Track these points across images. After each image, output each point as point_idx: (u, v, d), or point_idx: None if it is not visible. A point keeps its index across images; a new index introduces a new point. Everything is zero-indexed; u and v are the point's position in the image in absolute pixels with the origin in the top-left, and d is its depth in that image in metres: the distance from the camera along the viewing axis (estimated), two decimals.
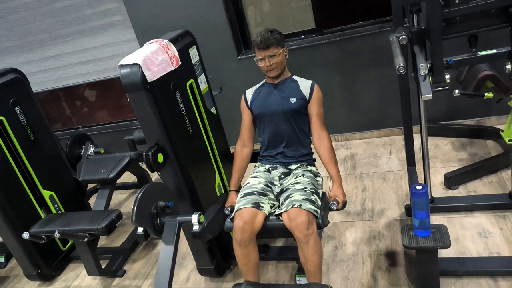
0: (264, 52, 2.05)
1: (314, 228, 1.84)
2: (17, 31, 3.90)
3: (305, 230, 1.81)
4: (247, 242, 1.92)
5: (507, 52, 1.74)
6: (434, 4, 1.63)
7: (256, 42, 2.06)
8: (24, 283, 2.76)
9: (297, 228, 1.82)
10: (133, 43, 3.63)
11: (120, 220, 2.33)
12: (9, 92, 2.52)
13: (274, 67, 2.08)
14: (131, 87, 1.83)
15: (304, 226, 1.80)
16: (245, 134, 2.28)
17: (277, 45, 2.05)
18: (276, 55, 2.06)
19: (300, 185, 2.01)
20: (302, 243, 1.84)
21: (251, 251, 1.96)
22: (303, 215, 1.82)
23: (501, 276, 1.91)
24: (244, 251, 1.94)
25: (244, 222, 1.89)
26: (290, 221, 1.84)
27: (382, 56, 3.04)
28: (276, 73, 2.12)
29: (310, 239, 1.82)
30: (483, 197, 2.41)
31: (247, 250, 1.94)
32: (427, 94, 1.62)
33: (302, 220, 1.81)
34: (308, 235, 1.81)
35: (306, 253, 1.85)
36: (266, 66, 2.08)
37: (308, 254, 1.85)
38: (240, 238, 1.91)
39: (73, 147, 2.94)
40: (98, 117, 4.38)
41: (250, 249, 1.95)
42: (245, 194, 2.03)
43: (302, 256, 1.88)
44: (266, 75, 2.18)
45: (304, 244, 1.83)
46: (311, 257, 1.86)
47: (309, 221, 1.82)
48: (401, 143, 3.26)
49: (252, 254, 1.97)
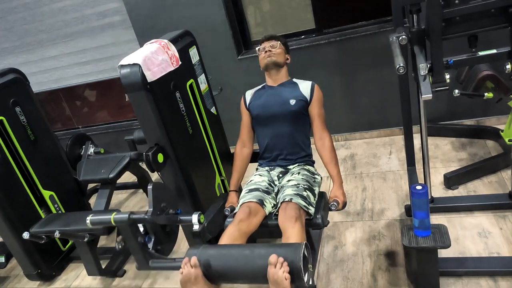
0: (267, 42, 2.19)
1: (301, 222, 1.81)
2: (17, 31, 3.90)
3: (292, 222, 1.77)
4: (236, 236, 1.83)
5: (507, 52, 1.74)
6: (434, 4, 1.63)
7: (262, 38, 2.24)
8: (24, 283, 2.76)
9: (285, 220, 1.80)
10: (133, 43, 3.63)
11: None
12: (9, 92, 2.52)
13: (272, 54, 2.15)
14: (131, 87, 1.83)
15: (292, 220, 1.78)
16: (245, 135, 2.28)
17: (279, 41, 2.20)
18: (277, 47, 2.18)
19: (293, 181, 2.02)
20: (287, 233, 1.77)
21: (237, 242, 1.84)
22: (291, 208, 1.82)
23: (501, 276, 1.91)
24: (229, 240, 1.82)
25: (250, 209, 1.89)
26: (280, 214, 1.84)
27: (382, 56, 3.03)
28: (273, 60, 2.15)
29: (294, 231, 1.75)
30: (483, 197, 2.41)
31: (233, 240, 1.83)
32: (427, 94, 1.62)
33: (291, 214, 1.80)
34: (294, 227, 1.76)
35: (289, 239, 1.75)
36: (265, 52, 2.15)
37: (291, 240, 1.74)
38: (241, 216, 1.87)
39: (73, 147, 2.94)
40: (98, 117, 4.38)
41: (237, 242, 1.83)
42: (250, 190, 2.04)
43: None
44: (264, 68, 2.20)
45: (288, 235, 1.76)
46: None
47: (298, 215, 1.81)
48: (401, 143, 3.27)
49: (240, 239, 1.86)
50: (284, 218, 1.81)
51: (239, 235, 1.83)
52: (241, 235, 1.84)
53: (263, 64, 2.18)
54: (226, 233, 1.85)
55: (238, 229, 1.84)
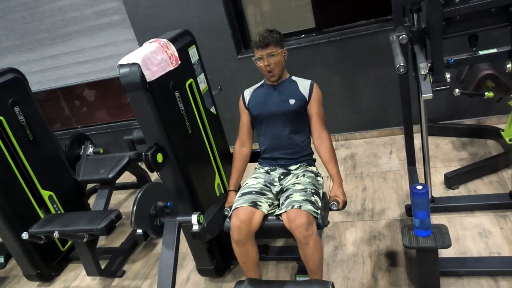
0: (263, 51, 2.04)
1: (314, 229, 1.84)
2: (17, 30, 3.89)
3: (304, 231, 1.80)
4: (244, 241, 1.91)
5: (507, 52, 1.73)
6: (434, 3, 1.62)
7: (255, 41, 2.06)
8: (23, 284, 2.75)
9: (297, 229, 1.82)
10: (132, 42, 3.63)
11: (120, 220, 2.33)
12: (8, 92, 2.51)
13: (273, 68, 2.07)
14: (130, 87, 1.82)
15: (303, 227, 1.80)
16: (244, 134, 2.28)
17: (276, 45, 2.04)
18: (275, 54, 2.04)
19: (300, 185, 2.00)
20: (302, 243, 1.84)
21: (250, 250, 1.96)
22: (302, 216, 1.81)
23: (502, 276, 1.91)
24: (242, 249, 1.95)
25: (240, 221, 1.89)
26: (290, 222, 1.84)
27: (382, 55, 3.03)
28: (275, 77, 2.12)
29: (310, 240, 1.82)
30: (484, 197, 2.41)
31: (245, 248, 1.94)
32: (428, 94, 1.61)
33: (302, 221, 1.80)
34: (307, 236, 1.81)
35: (307, 253, 1.87)
36: (264, 65, 2.06)
37: (309, 254, 1.86)
38: (237, 237, 1.91)
39: (72, 147, 2.94)
40: (97, 117, 4.37)
41: (248, 247, 1.94)
42: (243, 194, 2.03)
43: (303, 256, 1.90)
44: (264, 76, 2.17)
45: (304, 244, 1.84)
46: (311, 257, 1.88)
47: (309, 222, 1.82)
48: (401, 143, 3.26)
49: (251, 253, 1.97)
50: (296, 226, 1.82)
51: (246, 250, 1.95)
52: (247, 250, 1.96)
53: (265, 77, 2.16)
54: (236, 253, 1.98)
55: (241, 246, 1.94)
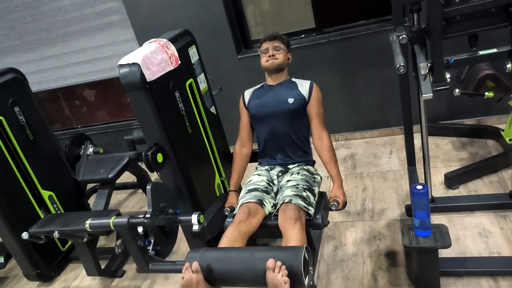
0: (270, 43, 2.13)
1: (301, 223, 1.80)
2: (17, 30, 3.89)
3: (292, 223, 1.77)
4: (237, 237, 1.82)
5: (507, 52, 1.73)
6: (434, 3, 1.62)
7: (264, 36, 2.17)
8: (23, 284, 2.75)
9: (284, 221, 1.80)
10: (132, 42, 3.62)
11: None
12: (8, 92, 2.51)
13: (276, 58, 2.12)
14: (130, 87, 1.83)
15: (292, 221, 1.78)
16: (244, 135, 2.28)
17: (282, 42, 2.15)
18: (280, 49, 2.13)
19: (293, 181, 2.01)
20: (287, 235, 1.76)
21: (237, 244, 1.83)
22: (291, 209, 1.81)
23: (502, 276, 1.90)
24: (230, 241, 1.81)
25: (246, 216, 1.87)
26: (279, 216, 1.83)
27: (382, 55, 3.03)
28: (276, 65, 2.13)
29: (294, 233, 1.74)
30: (484, 197, 2.41)
31: (233, 242, 1.81)
32: (428, 94, 1.61)
33: (290, 215, 1.80)
34: (294, 228, 1.75)
35: (289, 241, 1.74)
36: (269, 55, 2.11)
37: (291, 242, 1.74)
38: (238, 224, 1.84)
39: (72, 147, 2.93)
40: (97, 116, 4.37)
41: (237, 243, 1.82)
42: (249, 190, 2.03)
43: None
44: (265, 70, 2.18)
45: (289, 237, 1.75)
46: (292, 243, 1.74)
47: (298, 216, 1.80)
48: (401, 143, 3.26)
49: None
50: (284, 219, 1.81)
51: (239, 236, 1.83)
52: (241, 236, 1.83)
53: (266, 67, 2.17)
54: (226, 234, 1.84)
55: (238, 230, 1.84)
